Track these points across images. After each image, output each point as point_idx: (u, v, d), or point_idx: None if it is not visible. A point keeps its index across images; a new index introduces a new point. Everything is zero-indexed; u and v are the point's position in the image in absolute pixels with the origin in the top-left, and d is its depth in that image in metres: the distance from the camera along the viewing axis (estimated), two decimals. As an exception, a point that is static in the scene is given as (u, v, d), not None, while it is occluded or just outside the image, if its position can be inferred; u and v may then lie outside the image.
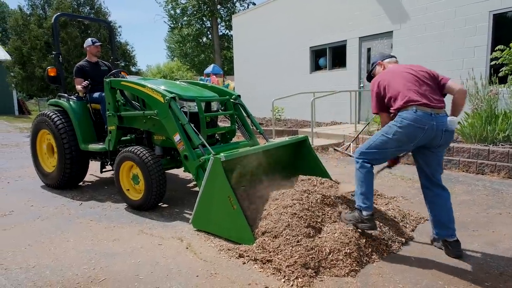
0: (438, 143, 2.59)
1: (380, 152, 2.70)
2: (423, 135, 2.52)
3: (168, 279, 2.44)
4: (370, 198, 2.72)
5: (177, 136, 3.59)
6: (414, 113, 2.50)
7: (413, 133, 2.52)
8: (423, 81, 2.64)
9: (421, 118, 2.49)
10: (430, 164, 2.72)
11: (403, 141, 2.58)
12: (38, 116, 4.89)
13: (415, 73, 2.68)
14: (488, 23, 7.01)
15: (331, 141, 7.66)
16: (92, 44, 4.96)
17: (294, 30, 11.72)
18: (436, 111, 2.53)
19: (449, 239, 2.70)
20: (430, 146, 2.63)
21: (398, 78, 2.68)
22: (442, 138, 2.56)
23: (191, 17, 27.88)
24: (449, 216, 2.71)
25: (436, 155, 2.69)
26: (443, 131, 2.53)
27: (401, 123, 2.54)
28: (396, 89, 2.63)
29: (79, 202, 4.29)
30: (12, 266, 2.69)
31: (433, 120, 2.50)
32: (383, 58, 3.05)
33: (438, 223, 2.74)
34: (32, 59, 12.63)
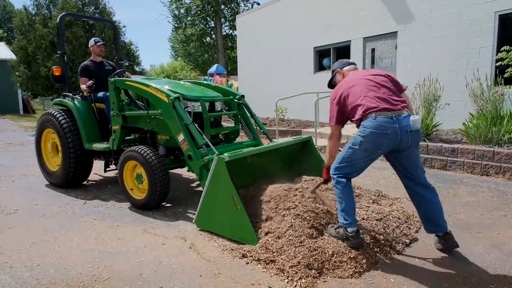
0: (406, 145, 2.55)
1: (351, 164, 2.65)
2: (388, 140, 2.49)
3: (171, 278, 2.45)
4: (351, 213, 2.64)
5: (181, 136, 3.59)
6: (374, 120, 2.49)
7: (378, 140, 2.49)
8: (381, 84, 2.64)
9: (382, 123, 2.47)
10: (406, 166, 2.69)
11: (370, 150, 2.56)
12: (43, 115, 4.92)
13: (372, 77, 2.69)
14: (494, 24, 6.96)
15: (335, 141, 7.62)
16: (95, 44, 4.98)
17: (298, 30, 11.70)
18: (397, 113, 2.51)
19: (440, 233, 2.71)
20: (400, 150, 2.59)
21: (356, 87, 2.67)
22: (409, 140, 2.52)
23: (195, 17, 27.92)
24: (436, 213, 2.69)
25: (409, 157, 2.65)
26: (408, 132, 2.50)
27: (364, 132, 2.52)
28: (355, 99, 2.62)
29: (83, 201, 4.31)
30: (17, 264, 2.70)
31: (395, 123, 2.47)
32: (342, 65, 3.05)
33: (427, 220, 2.75)
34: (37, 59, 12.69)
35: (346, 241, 2.65)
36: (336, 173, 2.71)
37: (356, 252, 2.58)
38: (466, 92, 6.26)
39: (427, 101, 6.41)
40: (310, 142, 4.13)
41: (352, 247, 2.62)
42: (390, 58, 9.08)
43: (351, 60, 3.12)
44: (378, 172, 5.36)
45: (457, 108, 7.05)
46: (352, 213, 2.66)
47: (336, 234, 2.73)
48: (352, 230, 2.61)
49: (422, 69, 8.01)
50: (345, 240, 2.66)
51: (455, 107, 6.97)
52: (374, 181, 4.83)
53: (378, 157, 2.70)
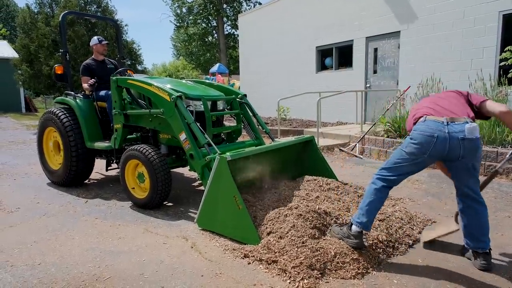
0: (459, 154, 2.36)
1: (396, 167, 2.55)
2: (435, 144, 2.36)
3: (172, 278, 2.43)
4: (366, 216, 2.55)
5: (183, 135, 3.58)
6: (423, 123, 2.45)
7: (423, 142, 2.39)
8: (444, 98, 2.62)
9: (430, 126, 2.39)
10: (459, 178, 2.53)
11: (416, 154, 2.44)
12: (45, 113, 4.91)
13: (439, 94, 2.72)
14: (498, 24, 6.91)
15: (337, 141, 7.62)
16: (99, 42, 4.96)
17: (300, 30, 11.68)
18: (451, 119, 2.38)
19: (480, 251, 2.52)
20: (452, 159, 2.43)
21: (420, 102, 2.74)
22: (461, 148, 2.33)
23: (197, 16, 27.92)
24: (481, 230, 2.51)
25: (464, 168, 2.45)
26: (460, 139, 2.32)
27: (411, 135, 2.49)
28: (415, 110, 2.66)
29: (85, 199, 4.30)
30: (18, 263, 2.70)
31: (445, 128, 2.35)
32: None
33: (469, 234, 2.57)
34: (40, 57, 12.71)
35: (346, 240, 2.60)
36: (380, 173, 2.62)
37: (359, 253, 2.56)
38: (469, 92, 6.22)
39: (430, 101, 6.38)
40: (312, 141, 4.10)
41: (351, 247, 2.58)
42: (393, 57, 9.05)
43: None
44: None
45: (460, 108, 7.01)
46: (368, 216, 2.55)
47: (339, 232, 2.69)
48: (355, 230, 2.57)
49: (425, 69, 7.98)
50: (345, 238, 2.61)
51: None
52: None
53: (425, 164, 2.53)
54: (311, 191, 3.44)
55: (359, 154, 6.73)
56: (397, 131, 6.37)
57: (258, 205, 3.17)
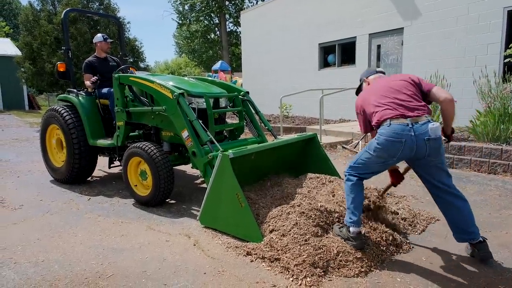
0: (425, 154, 2.40)
1: (365, 167, 2.61)
2: (404, 148, 2.38)
3: (175, 275, 2.43)
4: (356, 213, 2.57)
5: (185, 132, 3.57)
6: (388, 127, 2.41)
7: (392, 148, 2.40)
8: (398, 90, 2.54)
9: (396, 131, 2.37)
10: (430, 173, 2.55)
11: (384, 157, 2.48)
12: (48, 111, 4.92)
13: (390, 83, 2.61)
14: (502, 20, 6.85)
15: (340, 138, 7.59)
16: (104, 40, 4.97)
17: (303, 27, 11.62)
18: (414, 120, 2.38)
19: (473, 241, 2.53)
20: (419, 158, 2.47)
21: (372, 95, 2.64)
22: (427, 148, 2.37)
23: (199, 13, 27.86)
24: (467, 221, 2.52)
25: (429, 163, 2.50)
26: (425, 140, 2.35)
27: (378, 139, 2.46)
28: (371, 107, 2.59)
29: (88, 197, 4.31)
30: (22, 260, 2.71)
31: (411, 131, 2.35)
32: (368, 74, 2.99)
33: (456, 229, 2.58)
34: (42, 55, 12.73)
35: (347, 241, 2.62)
36: (349, 171, 2.67)
37: (362, 252, 2.55)
38: (473, 89, 6.18)
39: (434, 98, 6.34)
40: (315, 139, 4.08)
41: (353, 248, 2.58)
42: (396, 54, 8.99)
43: (379, 68, 3.02)
44: (384, 170, 5.31)
45: (464, 105, 6.96)
46: (357, 213, 2.59)
47: (339, 233, 2.70)
48: (354, 231, 2.57)
49: (428, 66, 7.92)
50: (346, 240, 2.62)
51: (462, 104, 6.88)
52: (378, 179, 4.78)
53: (394, 164, 2.62)
54: (313, 188, 3.43)
55: (362, 152, 6.70)
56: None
57: (261, 203, 3.16)
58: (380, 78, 2.84)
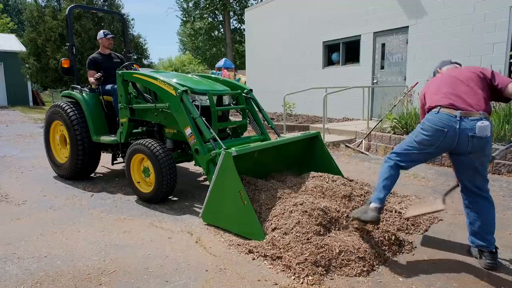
0: (466, 150, 2.35)
1: (406, 153, 2.58)
2: (444, 139, 2.37)
3: (177, 272, 2.44)
4: (384, 192, 2.55)
5: (188, 129, 3.57)
6: (435, 115, 2.41)
7: (433, 135, 2.40)
8: (462, 81, 2.48)
9: (442, 119, 2.36)
10: (463, 172, 2.52)
11: (424, 144, 2.46)
12: (51, 107, 4.93)
13: (458, 74, 2.54)
14: (509, 19, 6.79)
15: (343, 137, 7.57)
16: (104, 36, 4.98)
17: (307, 25, 11.58)
18: (465, 114, 2.33)
19: (484, 249, 2.50)
20: (458, 153, 2.43)
21: (435, 84, 2.59)
22: (469, 145, 2.33)
23: (203, 10, 27.83)
24: (487, 227, 2.49)
25: (469, 163, 2.44)
26: (469, 136, 2.30)
27: (423, 125, 2.47)
28: (430, 94, 2.56)
29: (91, 193, 4.32)
30: (25, 255, 2.72)
31: (457, 123, 2.32)
32: (442, 65, 2.90)
33: (474, 232, 2.55)
34: (47, 51, 12.74)
35: (364, 214, 2.56)
36: (391, 155, 2.65)
37: (364, 251, 2.54)
38: (478, 89, 6.13)
39: (438, 98, 6.30)
40: (319, 137, 4.07)
41: (369, 220, 2.53)
42: (401, 53, 8.94)
43: (454, 60, 2.92)
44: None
45: (468, 105, 6.91)
46: (385, 192, 2.56)
47: (357, 212, 2.65)
48: (374, 206, 2.53)
49: (433, 65, 7.80)
50: (363, 214, 2.56)
51: None
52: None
53: (435, 154, 2.56)
54: (316, 187, 3.42)
55: (365, 151, 6.68)
56: (404, 127, 6.30)
57: (263, 201, 3.16)
58: (452, 69, 2.74)
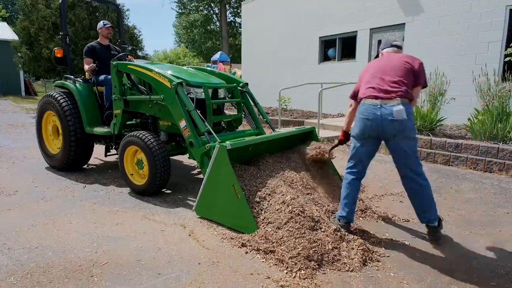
0: (392, 134, 2.64)
1: (352, 154, 2.87)
2: (370, 125, 2.66)
3: (169, 265, 2.43)
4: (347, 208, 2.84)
5: (182, 122, 3.55)
6: (361, 105, 2.74)
7: (361, 125, 2.71)
8: (391, 69, 2.72)
9: (366, 109, 2.68)
10: (399, 155, 2.74)
11: (358, 134, 2.77)
12: (44, 97, 4.87)
13: (387, 63, 2.79)
14: (504, 18, 6.82)
15: (338, 133, 7.58)
16: (103, 26, 4.97)
17: (304, 20, 11.53)
18: (385, 102, 2.62)
19: (430, 224, 2.77)
20: (388, 138, 2.70)
21: (368, 72, 2.85)
22: (393, 128, 2.61)
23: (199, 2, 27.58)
24: (425, 207, 2.75)
25: (399, 147, 2.69)
26: (390, 120, 2.59)
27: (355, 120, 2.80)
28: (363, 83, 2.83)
29: (83, 185, 4.29)
30: (15, 246, 2.69)
31: (378, 110, 2.62)
32: (384, 47, 3.13)
33: (417, 212, 2.82)
34: (40, 40, 12.55)
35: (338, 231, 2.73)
36: (347, 166, 2.92)
37: (356, 246, 2.55)
38: (472, 87, 6.17)
39: (433, 95, 6.34)
40: (313, 133, 4.07)
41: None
42: (397, 50, 8.94)
43: (398, 42, 3.11)
44: (380, 165, 5.32)
45: (462, 103, 6.97)
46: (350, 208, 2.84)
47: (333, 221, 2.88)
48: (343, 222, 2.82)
49: (428, 62, 7.84)
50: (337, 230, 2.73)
51: (461, 102, 6.88)
52: (375, 175, 4.80)
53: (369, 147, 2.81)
54: (310, 182, 3.42)
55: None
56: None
57: (257, 195, 3.15)
58: (388, 54, 2.99)
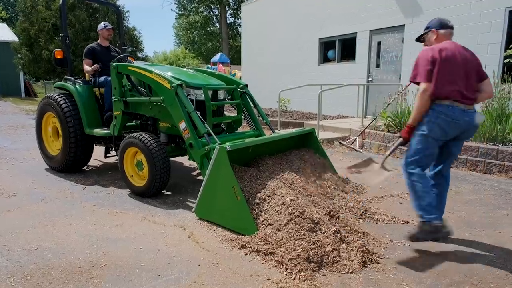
0: (465, 136, 2.74)
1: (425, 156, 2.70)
2: (456, 128, 2.62)
3: (169, 267, 2.43)
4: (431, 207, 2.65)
5: (182, 123, 3.55)
6: (446, 107, 2.59)
7: (447, 126, 2.61)
8: (469, 75, 2.65)
9: (455, 112, 2.58)
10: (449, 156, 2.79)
11: (438, 135, 2.64)
12: (44, 98, 4.87)
13: (465, 63, 2.65)
14: (504, 20, 6.84)
15: (337, 134, 7.59)
16: (104, 27, 4.98)
17: (304, 21, 11.55)
18: (467, 107, 2.62)
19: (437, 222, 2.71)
20: (455, 139, 2.73)
21: (452, 67, 2.61)
22: (472, 133, 2.73)
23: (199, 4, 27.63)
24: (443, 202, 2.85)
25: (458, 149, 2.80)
26: (474, 126, 2.67)
27: (436, 117, 2.61)
28: (445, 81, 2.59)
29: (83, 186, 4.29)
30: (15, 247, 2.69)
31: (466, 116, 2.60)
32: (439, 26, 2.83)
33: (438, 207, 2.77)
34: (40, 41, 12.56)
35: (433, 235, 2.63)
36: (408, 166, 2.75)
37: (356, 248, 2.55)
38: (472, 89, 6.17)
39: (432, 97, 6.34)
40: (313, 134, 4.08)
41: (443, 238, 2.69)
42: (396, 51, 8.97)
43: (450, 22, 2.88)
44: (380, 167, 5.31)
45: (462, 104, 6.96)
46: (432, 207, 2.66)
47: (419, 236, 2.65)
48: (437, 223, 2.61)
49: (428, 64, 7.90)
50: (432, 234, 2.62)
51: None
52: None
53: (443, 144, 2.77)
54: (310, 184, 3.42)
55: (359, 148, 6.71)
56: (398, 126, 6.33)
57: (257, 197, 3.16)
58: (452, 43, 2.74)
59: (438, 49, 2.63)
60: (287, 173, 3.47)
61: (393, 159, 4.74)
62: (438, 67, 2.59)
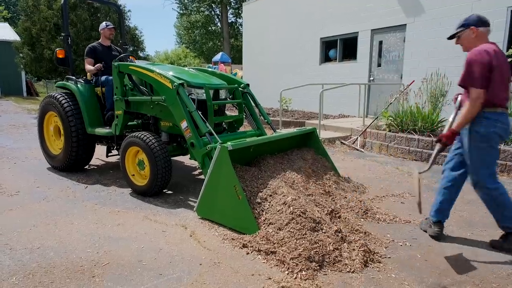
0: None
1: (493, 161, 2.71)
2: (506, 136, 2.64)
3: (171, 266, 2.44)
4: None
5: (184, 123, 3.55)
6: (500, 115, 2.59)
7: (503, 133, 2.61)
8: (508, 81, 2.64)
9: (506, 120, 2.61)
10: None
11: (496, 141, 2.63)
12: (46, 98, 4.88)
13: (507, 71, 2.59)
14: (506, 19, 6.81)
15: (339, 134, 7.59)
16: (106, 27, 4.99)
17: (305, 20, 11.54)
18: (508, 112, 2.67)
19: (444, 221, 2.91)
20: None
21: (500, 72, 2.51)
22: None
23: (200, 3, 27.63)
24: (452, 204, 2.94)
25: None
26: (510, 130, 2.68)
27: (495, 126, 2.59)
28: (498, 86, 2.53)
29: (85, 185, 4.30)
30: (17, 246, 2.70)
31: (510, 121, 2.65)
32: (480, 24, 2.62)
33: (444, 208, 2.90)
34: (41, 41, 12.60)
35: None
36: (489, 182, 2.73)
37: (358, 248, 2.55)
38: (474, 88, 6.17)
39: (434, 96, 6.34)
40: (314, 133, 4.08)
41: None
42: (398, 51, 8.95)
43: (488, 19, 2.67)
44: (381, 167, 5.32)
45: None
46: None
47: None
48: None
49: (430, 63, 7.89)
50: None
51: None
52: (376, 176, 4.80)
53: None
54: (311, 183, 3.43)
55: (360, 148, 6.71)
56: (399, 125, 6.33)
57: (258, 196, 3.16)
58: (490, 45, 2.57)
59: (493, 53, 2.47)
60: (288, 173, 3.47)
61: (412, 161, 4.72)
62: (495, 74, 2.47)
